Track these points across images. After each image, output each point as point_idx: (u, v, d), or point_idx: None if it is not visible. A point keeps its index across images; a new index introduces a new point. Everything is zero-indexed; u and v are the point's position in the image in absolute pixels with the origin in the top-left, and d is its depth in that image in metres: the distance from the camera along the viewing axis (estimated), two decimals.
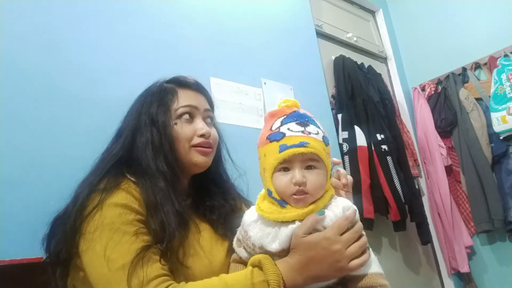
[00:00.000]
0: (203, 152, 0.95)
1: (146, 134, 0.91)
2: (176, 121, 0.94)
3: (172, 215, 0.83)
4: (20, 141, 1.07)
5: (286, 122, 0.80)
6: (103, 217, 0.78)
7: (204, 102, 1.01)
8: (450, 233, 2.48)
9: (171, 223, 0.81)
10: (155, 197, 0.83)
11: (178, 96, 0.97)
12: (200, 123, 0.96)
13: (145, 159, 0.88)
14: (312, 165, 0.78)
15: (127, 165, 0.89)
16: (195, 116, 0.97)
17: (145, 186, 0.84)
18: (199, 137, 0.94)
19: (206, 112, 1.00)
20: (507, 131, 2.30)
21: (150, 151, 0.89)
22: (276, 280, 0.72)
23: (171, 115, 0.94)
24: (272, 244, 0.77)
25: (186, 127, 0.95)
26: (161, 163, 0.88)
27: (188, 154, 0.94)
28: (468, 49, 2.66)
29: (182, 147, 0.93)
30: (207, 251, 0.90)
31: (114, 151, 0.92)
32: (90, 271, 0.77)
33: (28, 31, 1.18)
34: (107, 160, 0.90)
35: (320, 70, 2.27)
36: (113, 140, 0.97)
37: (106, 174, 0.87)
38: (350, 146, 2.14)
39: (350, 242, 0.76)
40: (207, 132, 0.95)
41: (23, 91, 1.12)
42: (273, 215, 0.78)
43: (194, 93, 1.01)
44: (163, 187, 0.85)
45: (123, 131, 0.96)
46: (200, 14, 1.72)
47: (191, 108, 0.97)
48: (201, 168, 0.97)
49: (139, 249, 0.75)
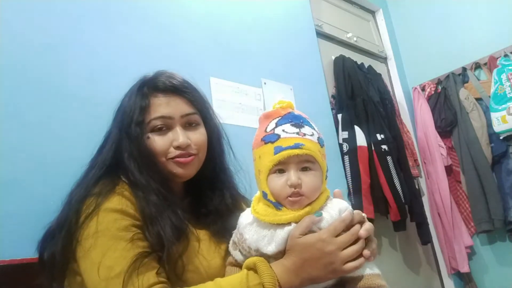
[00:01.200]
0: (180, 163, 0.90)
1: (126, 147, 0.88)
2: (149, 134, 0.89)
3: (169, 228, 0.80)
4: (20, 141, 1.07)
5: (281, 123, 0.79)
6: (99, 223, 0.77)
7: (182, 107, 0.92)
8: (450, 233, 2.48)
9: (169, 236, 0.79)
10: (149, 209, 0.81)
11: (149, 105, 0.90)
12: (175, 134, 0.90)
13: (132, 172, 0.86)
14: (307, 167, 0.77)
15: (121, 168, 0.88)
16: (170, 127, 0.91)
17: (138, 197, 0.82)
18: (175, 149, 0.89)
19: (186, 118, 0.92)
20: (507, 131, 2.30)
21: (133, 164, 0.86)
22: (271, 283, 0.71)
23: (144, 128, 0.89)
24: (268, 247, 0.76)
25: (159, 140, 0.89)
26: (147, 178, 0.85)
27: (166, 167, 0.90)
28: (468, 49, 2.66)
29: (159, 160, 0.89)
30: (208, 260, 0.88)
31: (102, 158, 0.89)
32: (87, 278, 0.76)
33: (28, 31, 1.18)
34: (98, 166, 0.88)
35: (320, 70, 2.27)
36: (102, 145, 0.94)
37: (101, 178, 0.85)
38: (350, 146, 2.14)
39: (345, 244, 0.74)
40: (182, 144, 0.89)
41: (23, 91, 1.12)
42: (268, 217, 0.77)
43: (168, 99, 0.91)
44: (156, 200, 0.83)
45: (110, 136, 0.93)
46: (200, 14, 1.72)
47: (163, 119, 0.89)
48: (184, 178, 0.93)
49: (135, 256, 0.74)
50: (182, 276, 0.81)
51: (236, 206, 1.00)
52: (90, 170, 0.90)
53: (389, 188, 2.14)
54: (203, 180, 0.99)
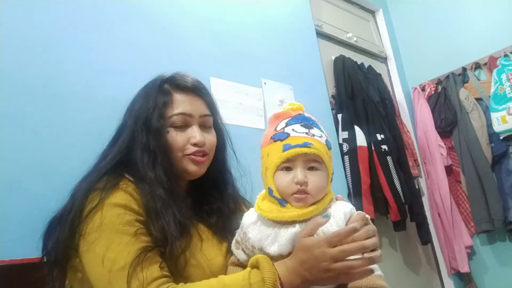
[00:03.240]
0: (196, 161, 0.93)
1: (142, 139, 0.89)
2: (169, 129, 0.92)
3: (173, 223, 0.82)
4: (20, 141, 1.07)
5: (291, 123, 0.81)
6: (103, 217, 0.78)
7: (201, 108, 0.97)
8: (450, 233, 2.48)
9: (173, 232, 0.80)
10: (155, 204, 0.82)
11: (172, 101, 0.94)
12: (193, 131, 0.93)
13: (142, 165, 0.87)
14: (314, 167, 0.78)
15: (126, 166, 0.89)
16: (189, 124, 0.94)
17: (144, 191, 0.84)
18: (192, 146, 0.92)
19: (203, 118, 0.97)
20: (507, 131, 2.30)
21: (146, 158, 0.88)
22: (271, 278, 0.71)
23: (165, 121, 0.92)
24: (271, 247, 0.77)
25: (179, 135, 0.92)
26: (159, 171, 0.87)
27: (181, 162, 0.92)
28: (468, 49, 2.66)
29: (175, 155, 0.92)
30: (210, 258, 0.88)
31: (113, 153, 0.91)
32: (90, 272, 0.76)
33: (28, 31, 1.18)
34: (106, 162, 0.90)
35: (320, 70, 2.27)
36: (112, 141, 0.96)
37: (105, 174, 0.86)
38: (350, 146, 2.14)
39: (338, 258, 0.71)
40: (200, 142, 0.92)
41: (23, 92, 1.12)
42: (272, 214, 0.78)
43: (190, 97, 0.96)
44: (163, 194, 0.84)
45: (122, 132, 0.95)
46: (200, 14, 1.72)
47: (184, 116, 0.93)
48: (194, 176, 0.96)
49: (139, 250, 0.75)
50: (184, 272, 0.82)
51: (238, 207, 1.03)
52: (99, 163, 0.91)
53: (389, 188, 2.15)
54: (208, 180, 1.01)
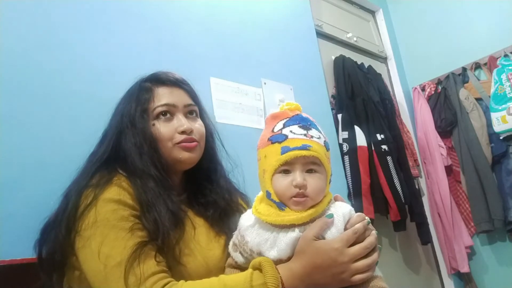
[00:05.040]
0: (186, 147, 0.93)
1: (129, 136, 0.90)
2: (154, 121, 0.93)
3: (166, 214, 0.82)
4: (20, 141, 1.07)
5: (289, 124, 0.80)
6: (98, 213, 0.78)
7: (184, 97, 0.99)
8: (450, 233, 2.48)
9: (165, 222, 0.81)
10: (146, 196, 0.83)
11: (154, 95, 0.95)
12: (179, 120, 0.94)
13: (132, 160, 0.88)
14: (313, 169, 0.77)
15: (117, 161, 0.89)
16: (174, 114, 0.95)
17: (136, 185, 0.84)
18: (180, 134, 0.93)
19: (187, 108, 0.98)
20: (507, 131, 2.30)
21: (135, 153, 0.88)
22: (274, 283, 0.71)
23: (148, 115, 0.93)
24: (270, 251, 0.76)
25: (164, 126, 0.93)
26: (147, 165, 0.87)
27: (172, 153, 0.93)
28: (468, 49, 2.66)
29: (164, 146, 0.92)
30: (204, 247, 0.89)
31: (100, 153, 0.91)
32: (87, 268, 0.76)
33: (28, 31, 1.18)
34: (94, 162, 0.90)
35: (320, 70, 2.27)
36: (100, 142, 0.96)
37: (97, 170, 0.87)
38: (350, 146, 2.14)
39: (357, 256, 0.74)
40: (187, 129, 0.93)
41: (23, 92, 1.12)
42: (270, 217, 0.77)
43: (171, 89, 0.98)
44: (153, 187, 0.85)
45: (108, 132, 0.95)
46: (200, 14, 1.71)
47: (168, 106, 0.94)
48: (188, 164, 0.96)
49: (135, 245, 0.75)
50: (181, 260, 0.82)
51: (233, 199, 1.03)
52: (88, 163, 0.91)
53: (389, 188, 2.14)
54: (201, 171, 1.01)
